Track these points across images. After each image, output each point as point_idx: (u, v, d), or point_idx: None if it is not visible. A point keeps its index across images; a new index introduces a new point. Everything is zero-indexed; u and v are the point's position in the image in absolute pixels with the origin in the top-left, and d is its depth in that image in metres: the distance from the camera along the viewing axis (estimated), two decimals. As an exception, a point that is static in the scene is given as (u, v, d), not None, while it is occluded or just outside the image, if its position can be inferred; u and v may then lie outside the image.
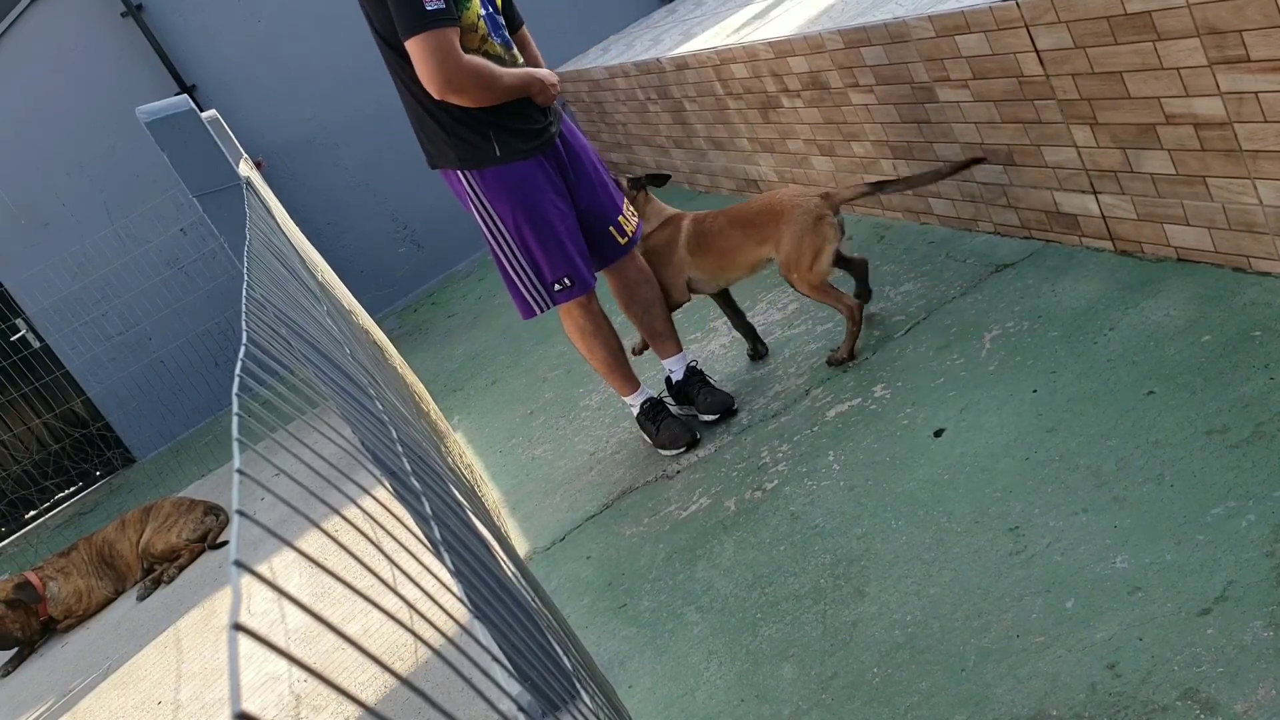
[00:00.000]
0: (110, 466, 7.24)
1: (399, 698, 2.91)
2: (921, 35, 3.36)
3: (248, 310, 1.17)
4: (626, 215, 3.37)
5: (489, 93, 2.95)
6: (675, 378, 3.52)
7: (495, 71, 2.94)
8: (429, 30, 2.78)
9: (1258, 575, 1.87)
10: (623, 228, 3.34)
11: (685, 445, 3.36)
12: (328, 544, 3.60)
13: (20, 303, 6.84)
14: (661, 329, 3.48)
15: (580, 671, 1.30)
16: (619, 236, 3.33)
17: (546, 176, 3.14)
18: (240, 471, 0.78)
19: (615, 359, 3.45)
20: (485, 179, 3.09)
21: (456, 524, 1.42)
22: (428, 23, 2.77)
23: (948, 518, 2.44)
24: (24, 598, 4.68)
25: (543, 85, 3.08)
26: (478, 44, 2.98)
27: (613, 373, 3.47)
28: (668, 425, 3.41)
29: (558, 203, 3.16)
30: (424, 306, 7.22)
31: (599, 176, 3.31)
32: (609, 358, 3.44)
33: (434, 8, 2.77)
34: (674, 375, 3.52)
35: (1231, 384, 2.33)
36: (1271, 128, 2.41)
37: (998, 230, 3.60)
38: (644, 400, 3.49)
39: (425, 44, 2.80)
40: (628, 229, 3.35)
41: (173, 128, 2.84)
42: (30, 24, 6.68)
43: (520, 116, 3.06)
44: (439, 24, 2.79)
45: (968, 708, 1.95)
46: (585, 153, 3.30)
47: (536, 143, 3.10)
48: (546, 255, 3.17)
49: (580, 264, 3.22)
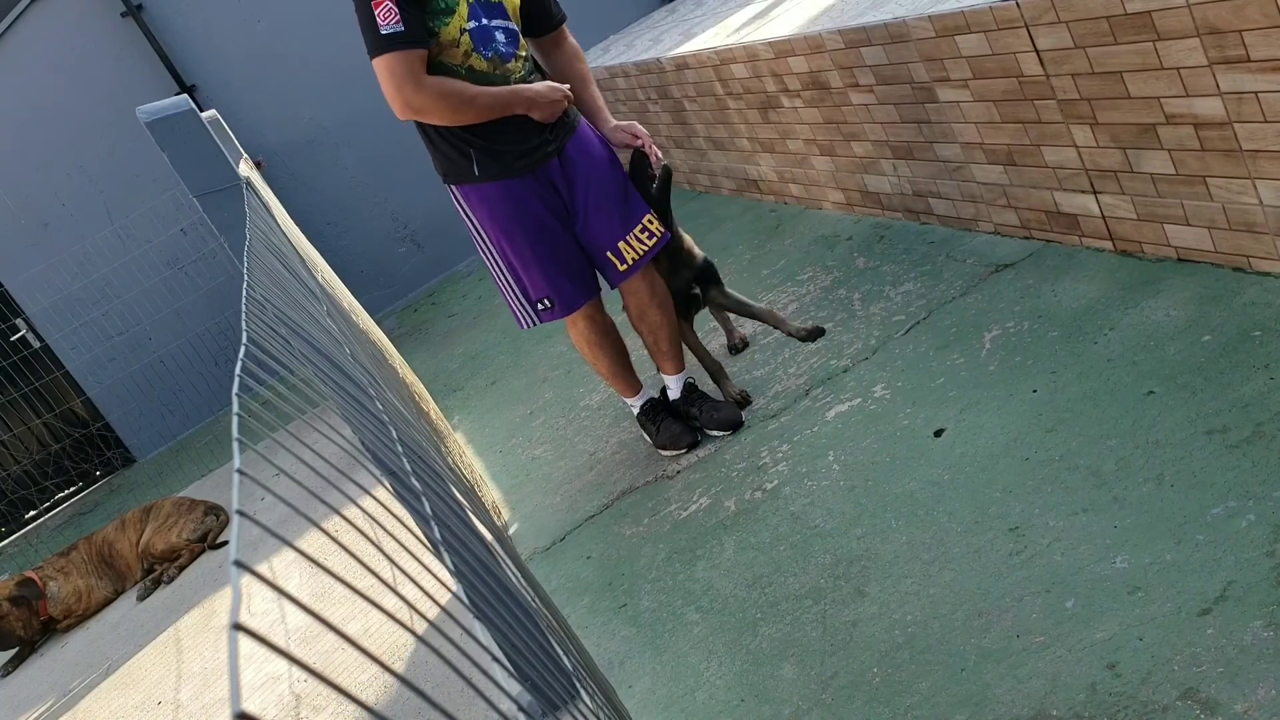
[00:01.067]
0: (110, 466, 7.24)
1: (399, 698, 2.91)
2: (921, 35, 3.36)
3: (248, 310, 1.17)
4: (630, 241, 3.15)
5: (459, 114, 2.86)
6: (673, 395, 3.46)
7: (466, 93, 2.83)
8: (385, 53, 2.73)
9: (1258, 575, 1.87)
10: (622, 254, 3.14)
11: (686, 446, 3.35)
12: (328, 544, 3.60)
13: (20, 303, 6.84)
14: (666, 349, 3.40)
15: (580, 671, 1.30)
16: (618, 263, 3.15)
17: (536, 195, 3.02)
18: (240, 471, 0.78)
19: (618, 365, 3.42)
20: (467, 194, 3.04)
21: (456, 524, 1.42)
22: (384, 45, 2.72)
23: (948, 518, 2.44)
24: (27, 594, 4.69)
25: (535, 102, 2.93)
26: (460, 59, 2.87)
27: (615, 378, 3.45)
28: (668, 426, 3.39)
29: (546, 220, 3.05)
30: (424, 306, 7.22)
31: (602, 199, 3.11)
32: (612, 364, 3.41)
33: (389, 30, 2.71)
34: (671, 392, 3.46)
35: (1231, 384, 2.33)
36: (1271, 128, 2.41)
37: (998, 230, 3.60)
38: (645, 401, 3.48)
39: (382, 67, 2.76)
40: (629, 255, 3.15)
41: (173, 128, 2.84)
42: (30, 24, 6.68)
43: (505, 136, 2.94)
44: (394, 47, 2.72)
45: (968, 708, 1.95)
46: (593, 171, 3.10)
47: (521, 163, 2.98)
48: (528, 275, 3.12)
49: (566, 285, 3.13)
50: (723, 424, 3.33)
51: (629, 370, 3.46)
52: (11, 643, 4.72)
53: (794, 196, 4.89)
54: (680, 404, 3.45)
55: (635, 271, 3.19)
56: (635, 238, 3.16)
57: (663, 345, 3.39)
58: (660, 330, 3.36)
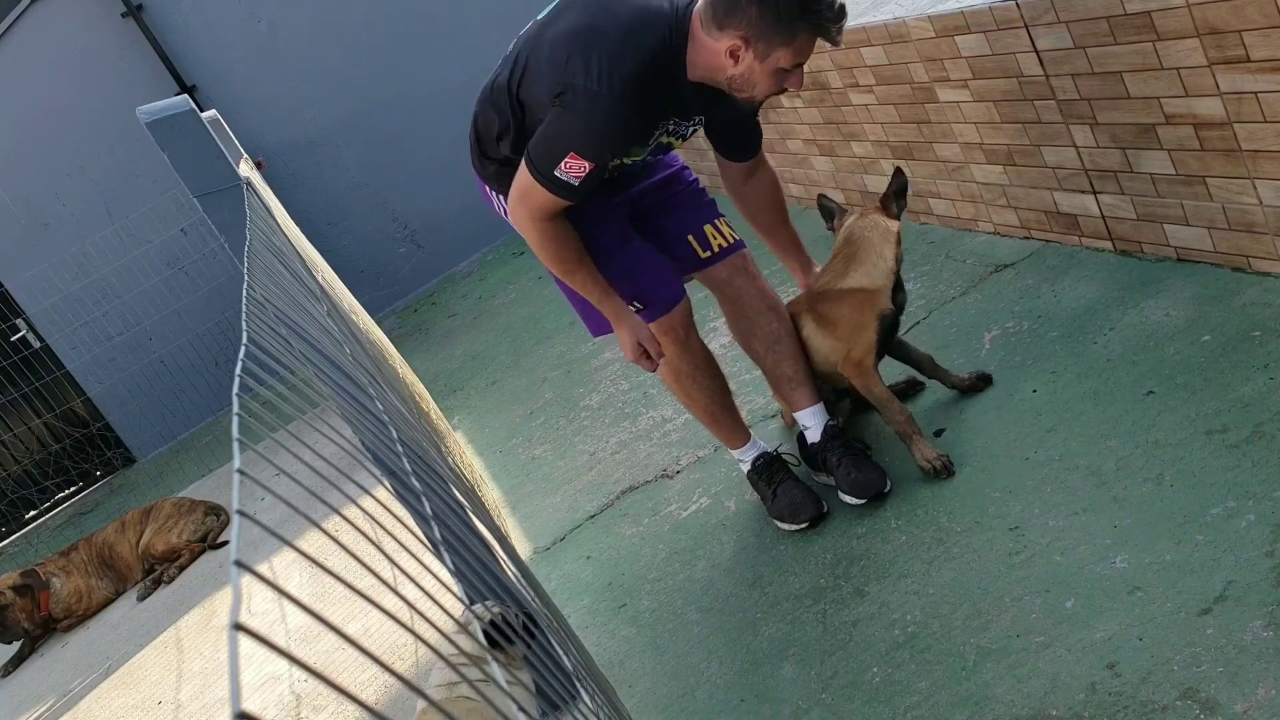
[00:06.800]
0: (110, 466, 7.24)
1: (399, 698, 2.91)
2: (921, 35, 3.36)
3: (248, 310, 1.17)
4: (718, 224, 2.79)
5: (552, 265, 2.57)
6: (811, 437, 2.80)
7: (571, 260, 2.52)
8: (542, 186, 2.39)
9: (1258, 575, 1.87)
10: (707, 238, 2.76)
11: (807, 521, 2.68)
12: (328, 544, 3.60)
13: (21, 303, 6.84)
14: (792, 373, 2.75)
15: (580, 671, 1.30)
16: (700, 249, 2.75)
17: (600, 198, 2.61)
18: (240, 471, 0.78)
19: (719, 406, 2.83)
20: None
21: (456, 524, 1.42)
22: (547, 183, 2.38)
23: (948, 518, 2.45)
24: (32, 584, 4.72)
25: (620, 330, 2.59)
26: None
27: (716, 422, 2.85)
28: (786, 491, 2.74)
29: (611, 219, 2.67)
30: (424, 306, 7.22)
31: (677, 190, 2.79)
32: (710, 404, 2.81)
33: (563, 178, 2.36)
34: (809, 433, 2.81)
35: (1231, 384, 2.33)
36: (1271, 128, 2.41)
37: (998, 230, 3.60)
38: (756, 456, 2.84)
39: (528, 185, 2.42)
40: (714, 241, 2.76)
41: (173, 128, 2.85)
42: (30, 24, 6.68)
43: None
44: (554, 191, 2.39)
45: (967, 707, 1.95)
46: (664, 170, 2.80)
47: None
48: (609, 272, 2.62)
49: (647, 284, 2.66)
50: (860, 489, 2.65)
51: (731, 411, 2.87)
52: (15, 634, 4.73)
53: (794, 197, 4.89)
54: (818, 450, 2.78)
55: (722, 259, 2.76)
56: (718, 226, 2.78)
57: (784, 364, 2.75)
58: (780, 344, 2.75)
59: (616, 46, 2.29)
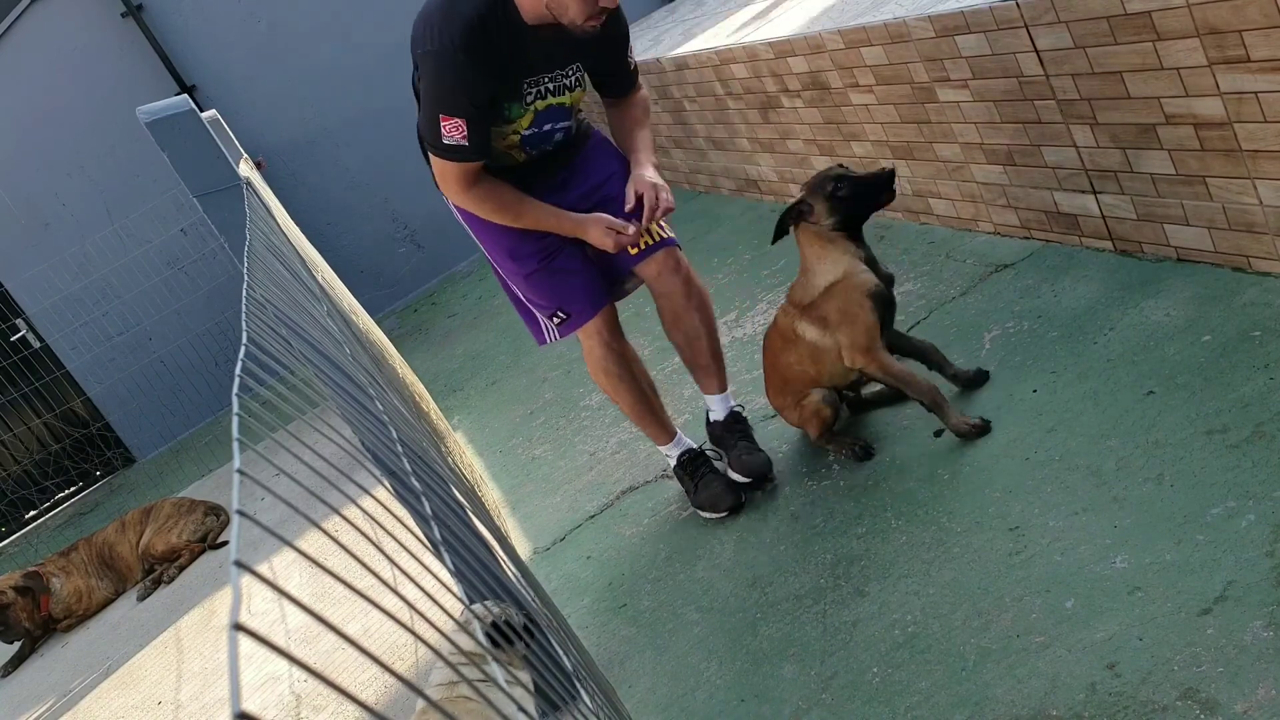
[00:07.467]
0: (110, 466, 7.24)
1: (399, 698, 2.91)
2: (921, 35, 3.36)
3: (248, 310, 1.17)
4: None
5: (503, 220, 2.76)
6: (714, 416, 3.07)
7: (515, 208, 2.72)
8: (443, 160, 2.63)
9: (1258, 575, 1.87)
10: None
11: (727, 510, 2.93)
12: (328, 544, 3.60)
13: (20, 303, 6.84)
14: (705, 362, 3.00)
15: (580, 671, 1.30)
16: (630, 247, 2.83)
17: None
18: (240, 471, 0.78)
19: (645, 404, 3.04)
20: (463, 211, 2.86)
21: (456, 524, 1.42)
22: (443, 154, 2.62)
23: (948, 518, 2.45)
24: (34, 586, 4.73)
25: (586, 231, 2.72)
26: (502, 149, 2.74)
27: (643, 419, 3.06)
28: (708, 484, 2.97)
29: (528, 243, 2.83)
30: (424, 306, 7.23)
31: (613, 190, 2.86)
32: (637, 403, 3.03)
33: (450, 143, 2.58)
34: (712, 414, 3.08)
35: (1231, 384, 2.33)
36: (1271, 128, 2.41)
37: (998, 230, 3.60)
38: (682, 452, 3.07)
39: (437, 165, 2.67)
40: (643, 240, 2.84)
41: (173, 128, 2.85)
42: (30, 24, 6.68)
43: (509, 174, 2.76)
44: (453, 159, 2.62)
45: (967, 708, 1.95)
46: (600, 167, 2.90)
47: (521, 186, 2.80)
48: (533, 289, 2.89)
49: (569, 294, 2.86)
50: (748, 469, 2.93)
51: (658, 410, 3.08)
52: (16, 634, 4.73)
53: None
54: (719, 430, 3.06)
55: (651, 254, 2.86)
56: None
57: (700, 356, 3.00)
58: (698, 339, 2.97)
59: (445, 7, 2.51)
